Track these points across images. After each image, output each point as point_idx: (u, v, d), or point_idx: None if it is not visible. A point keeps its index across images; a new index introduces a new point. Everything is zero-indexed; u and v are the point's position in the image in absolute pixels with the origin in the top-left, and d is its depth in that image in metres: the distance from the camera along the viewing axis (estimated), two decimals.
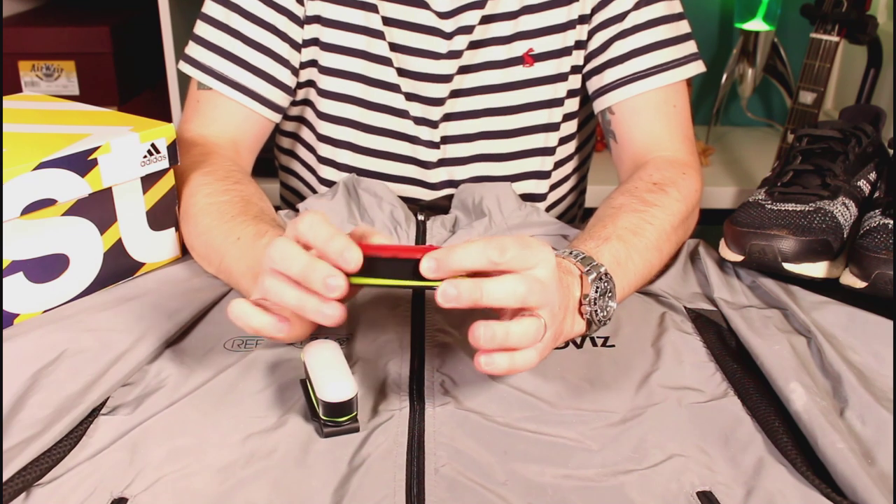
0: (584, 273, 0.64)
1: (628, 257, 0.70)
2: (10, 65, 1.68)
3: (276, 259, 0.55)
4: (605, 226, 0.72)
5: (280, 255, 0.54)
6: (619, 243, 0.70)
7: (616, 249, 0.69)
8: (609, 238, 0.70)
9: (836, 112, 1.86)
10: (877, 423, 0.57)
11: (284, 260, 0.54)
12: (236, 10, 0.89)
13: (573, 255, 0.66)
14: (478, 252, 0.53)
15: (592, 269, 0.64)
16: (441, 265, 0.52)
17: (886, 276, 0.71)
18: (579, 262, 0.65)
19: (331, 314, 0.54)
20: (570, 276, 0.64)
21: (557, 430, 0.56)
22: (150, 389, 0.60)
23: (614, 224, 0.72)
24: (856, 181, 0.82)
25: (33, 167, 0.65)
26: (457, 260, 0.52)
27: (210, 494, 0.50)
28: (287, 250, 0.54)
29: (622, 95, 0.89)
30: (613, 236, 0.70)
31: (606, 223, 0.73)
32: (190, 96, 0.91)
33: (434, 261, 0.52)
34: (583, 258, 0.65)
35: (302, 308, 0.55)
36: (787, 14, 1.77)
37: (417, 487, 0.51)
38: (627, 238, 0.71)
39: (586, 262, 0.65)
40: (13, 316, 0.68)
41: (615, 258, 0.68)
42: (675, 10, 0.91)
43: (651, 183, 0.80)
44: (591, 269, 0.64)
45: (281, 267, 0.55)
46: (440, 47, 0.90)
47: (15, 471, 0.51)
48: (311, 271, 0.53)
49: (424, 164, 0.95)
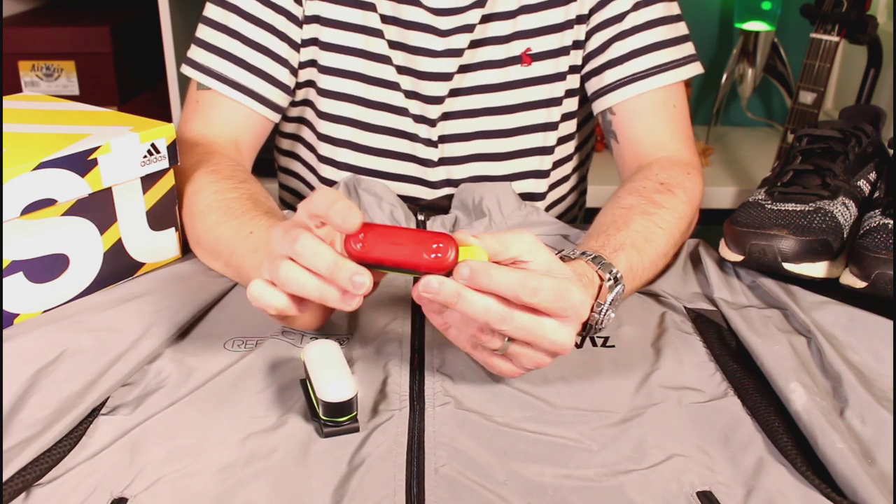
0: (603, 282, 0.65)
1: (641, 266, 0.71)
2: (10, 65, 1.68)
3: (305, 255, 0.54)
4: (619, 228, 0.72)
5: (309, 253, 0.54)
6: (635, 252, 0.70)
7: (632, 258, 0.70)
8: (625, 245, 0.70)
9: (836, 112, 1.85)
10: (877, 423, 0.57)
11: (312, 257, 0.54)
12: (235, 10, 0.89)
13: (594, 260, 0.66)
14: (510, 284, 0.53)
15: (611, 278, 0.65)
16: (473, 278, 0.52)
17: (886, 276, 0.71)
18: (600, 268, 0.65)
19: (355, 303, 0.54)
20: (591, 287, 0.64)
21: (557, 430, 0.56)
22: (150, 389, 0.60)
23: (628, 228, 0.73)
24: (856, 181, 0.82)
25: (33, 167, 0.65)
26: (490, 283, 0.52)
27: (210, 494, 0.51)
28: (315, 248, 0.54)
29: (622, 96, 0.89)
30: (628, 243, 0.71)
31: (620, 225, 0.73)
32: (189, 97, 0.91)
33: (470, 271, 0.52)
34: (602, 264, 0.66)
35: (324, 298, 0.54)
36: (787, 14, 1.77)
37: (417, 487, 0.51)
38: (641, 246, 0.72)
39: (606, 268, 0.65)
40: (13, 316, 0.68)
41: (630, 266, 0.69)
42: (673, 11, 0.91)
43: (658, 183, 0.80)
44: (609, 278, 0.65)
45: (308, 263, 0.54)
46: (436, 45, 0.90)
47: (15, 471, 0.51)
48: (337, 270, 0.53)
49: (424, 163, 0.95)
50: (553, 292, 0.53)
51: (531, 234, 0.56)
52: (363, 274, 0.53)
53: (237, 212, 0.74)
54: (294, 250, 0.54)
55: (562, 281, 0.54)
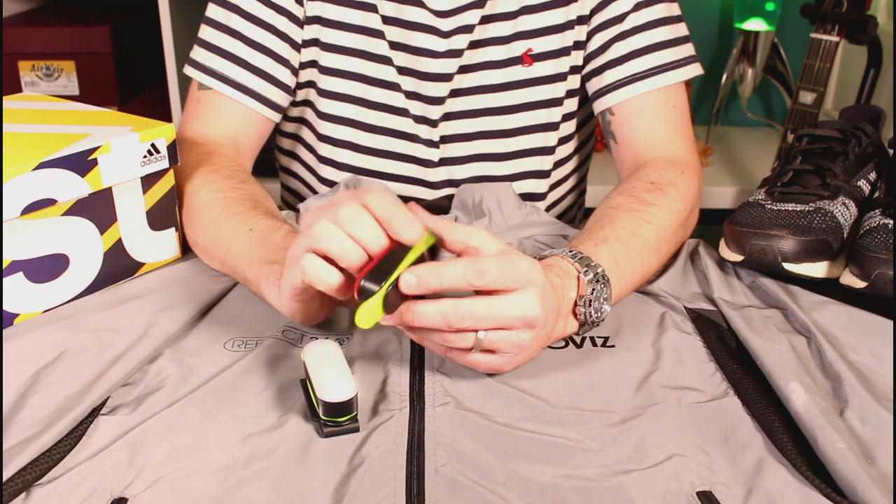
0: (581, 274, 0.64)
1: (626, 258, 0.70)
2: (10, 65, 1.68)
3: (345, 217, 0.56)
4: (602, 226, 0.72)
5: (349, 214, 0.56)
6: (618, 244, 0.70)
7: (614, 250, 0.69)
8: (607, 239, 0.70)
9: (836, 112, 1.86)
10: (877, 423, 0.57)
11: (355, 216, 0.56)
12: (236, 11, 0.89)
13: (571, 255, 0.66)
14: (456, 274, 0.54)
15: (590, 270, 0.64)
16: (421, 283, 0.54)
17: (886, 276, 0.71)
18: (577, 262, 0.65)
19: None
20: (567, 278, 0.64)
21: (557, 430, 0.56)
22: (150, 389, 0.60)
23: (612, 224, 0.72)
24: (856, 181, 0.82)
25: (33, 167, 0.65)
26: (440, 282, 0.54)
27: (210, 494, 0.51)
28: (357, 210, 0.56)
29: (622, 96, 0.89)
30: (612, 237, 0.70)
31: (605, 223, 0.73)
32: (190, 97, 0.92)
33: (416, 278, 0.54)
34: (581, 258, 0.65)
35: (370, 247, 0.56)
36: (787, 14, 1.77)
37: (417, 487, 0.51)
38: (626, 238, 0.71)
39: (584, 262, 0.65)
40: (13, 316, 0.68)
41: (613, 259, 0.68)
42: (673, 12, 0.91)
43: (649, 183, 0.80)
44: (588, 270, 0.64)
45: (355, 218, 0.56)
46: (438, 46, 0.90)
47: (15, 471, 0.51)
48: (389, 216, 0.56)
49: (424, 163, 0.95)
50: (498, 267, 0.55)
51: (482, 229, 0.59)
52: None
53: (235, 210, 0.74)
54: (337, 214, 0.56)
55: (503, 255, 0.56)
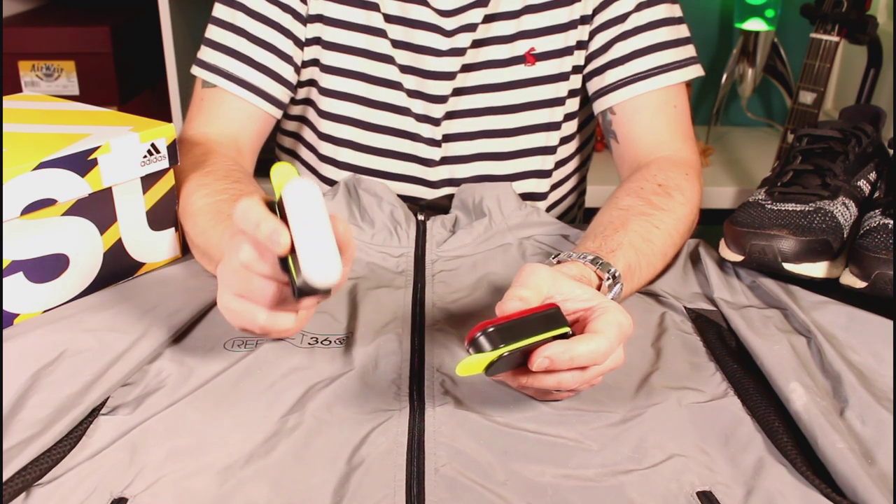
0: (602, 282, 0.66)
1: (638, 265, 0.71)
2: (10, 65, 1.68)
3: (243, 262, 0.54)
4: (616, 230, 0.73)
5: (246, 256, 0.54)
6: (631, 250, 0.71)
7: (629, 257, 0.70)
8: (622, 245, 0.71)
9: (836, 112, 1.85)
10: (877, 423, 0.57)
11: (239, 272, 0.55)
12: (241, 9, 0.89)
13: (593, 262, 0.67)
14: (587, 359, 0.55)
15: (610, 278, 0.66)
16: (553, 366, 0.54)
17: (886, 276, 0.71)
18: (598, 268, 0.66)
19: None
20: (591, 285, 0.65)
21: (557, 430, 0.56)
22: (150, 389, 0.60)
23: (625, 229, 0.73)
24: (856, 181, 0.82)
25: (33, 167, 0.65)
26: (572, 364, 0.55)
27: (210, 494, 0.50)
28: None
29: (623, 96, 0.89)
30: (626, 243, 0.71)
31: (617, 227, 0.73)
32: (194, 96, 0.92)
33: (550, 361, 0.54)
34: (601, 264, 0.67)
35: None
36: (787, 14, 1.77)
37: (417, 487, 0.51)
38: (638, 244, 0.72)
39: (604, 268, 0.66)
40: (13, 316, 0.68)
41: (628, 265, 0.70)
42: (675, 13, 0.91)
43: (656, 185, 0.80)
44: (608, 277, 0.66)
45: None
46: (441, 44, 0.90)
47: (15, 471, 0.51)
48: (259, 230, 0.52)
49: (426, 162, 0.95)
50: (616, 340, 0.56)
51: (539, 267, 0.59)
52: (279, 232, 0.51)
53: (224, 215, 0.73)
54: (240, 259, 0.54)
55: (612, 325, 0.56)
